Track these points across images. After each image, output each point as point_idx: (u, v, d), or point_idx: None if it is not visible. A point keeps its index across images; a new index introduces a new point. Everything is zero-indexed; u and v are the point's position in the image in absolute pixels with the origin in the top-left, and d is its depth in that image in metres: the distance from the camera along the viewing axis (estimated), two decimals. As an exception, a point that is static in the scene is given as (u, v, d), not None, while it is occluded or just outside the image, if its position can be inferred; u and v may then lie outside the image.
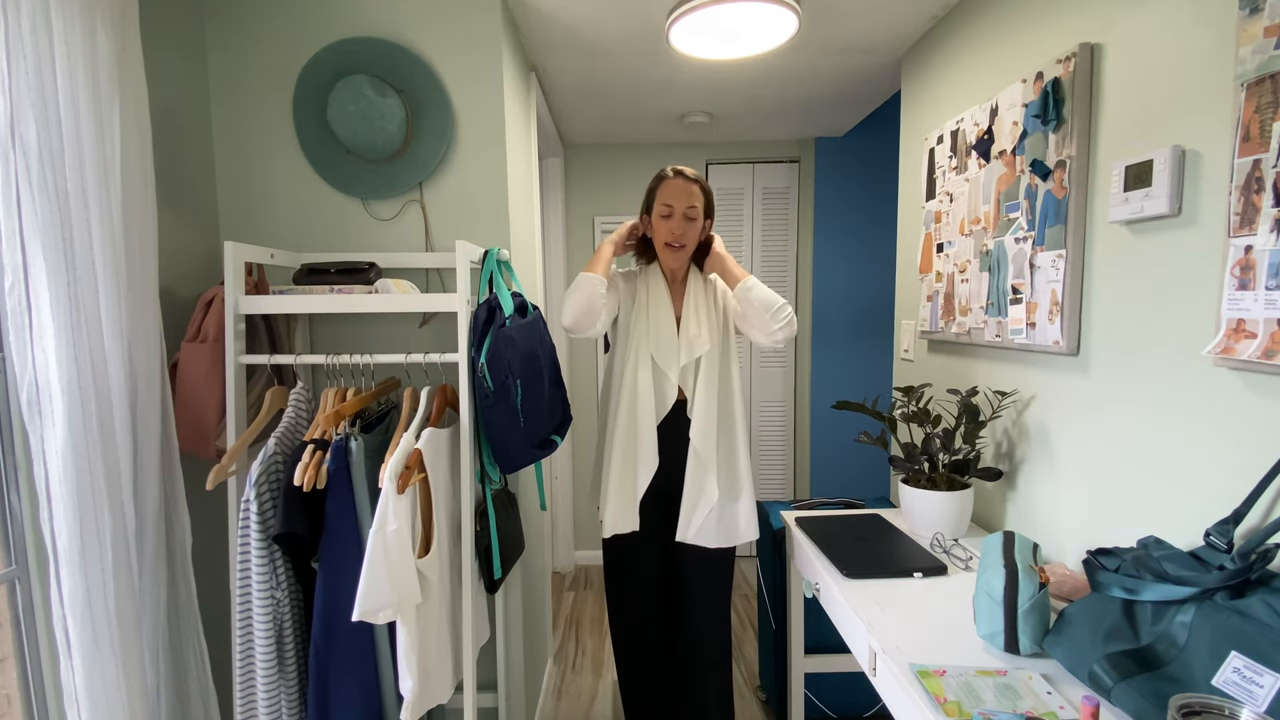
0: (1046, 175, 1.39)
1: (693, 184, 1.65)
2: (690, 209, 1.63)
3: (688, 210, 1.63)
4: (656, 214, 1.67)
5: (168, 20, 1.58)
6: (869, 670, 1.20)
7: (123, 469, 1.23)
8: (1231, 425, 1.00)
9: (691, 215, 1.64)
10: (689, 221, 1.64)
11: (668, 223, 1.65)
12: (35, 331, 1.10)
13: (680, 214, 1.63)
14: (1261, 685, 0.79)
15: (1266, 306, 0.91)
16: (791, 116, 2.97)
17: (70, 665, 1.14)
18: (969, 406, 1.59)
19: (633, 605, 1.81)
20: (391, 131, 1.67)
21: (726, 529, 1.70)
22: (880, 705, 2.13)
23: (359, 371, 1.60)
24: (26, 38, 1.06)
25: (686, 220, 1.64)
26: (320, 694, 1.38)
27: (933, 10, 1.89)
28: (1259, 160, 0.92)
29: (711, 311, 1.72)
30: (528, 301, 1.63)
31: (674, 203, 1.63)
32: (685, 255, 1.68)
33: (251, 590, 1.36)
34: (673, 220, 1.64)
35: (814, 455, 3.48)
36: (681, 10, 1.81)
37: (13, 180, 1.05)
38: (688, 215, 1.64)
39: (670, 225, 1.65)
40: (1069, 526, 1.39)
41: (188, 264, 1.61)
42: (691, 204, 1.63)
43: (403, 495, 1.33)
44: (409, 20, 1.71)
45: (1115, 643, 0.95)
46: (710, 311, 1.72)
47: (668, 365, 1.67)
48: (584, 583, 3.46)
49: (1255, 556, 0.87)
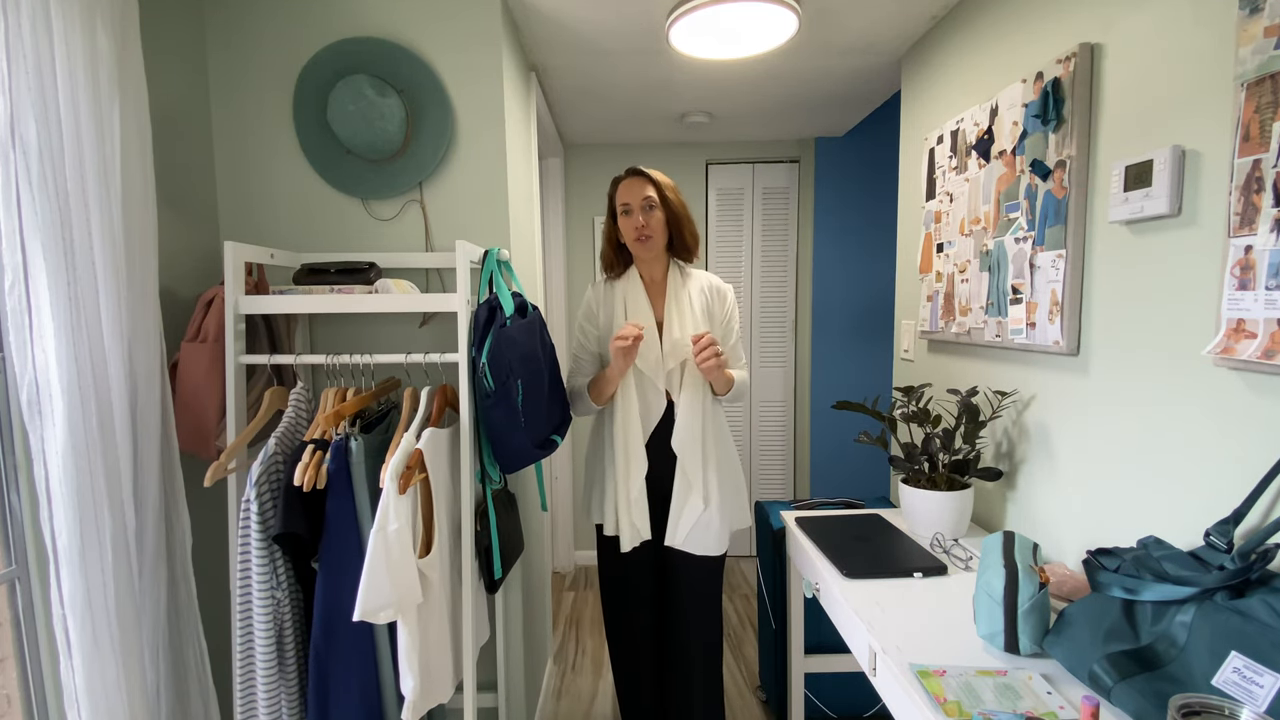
0: (1046, 175, 1.39)
1: (640, 177, 1.69)
2: (646, 199, 1.66)
3: (643, 201, 1.66)
4: (619, 215, 1.71)
5: (168, 20, 1.58)
6: (869, 670, 1.20)
7: (123, 469, 1.23)
8: (1231, 425, 1.00)
9: (650, 204, 1.67)
10: (649, 211, 1.67)
11: (629, 219, 1.68)
12: (35, 331, 1.10)
13: (637, 207, 1.66)
14: (1261, 685, 0.79)
15: (1266, 306, 0.91)
16: (791, 116, 2.97)
17: (70, 665, 1.14)
18: (969, 406, 1.59)
19: (629, 622, 1.82)
20: (391, 131, 1.67)
21: (715, 536, 1.71)
22: (880, 705, 2.13)
23: (359, 371, 1.59)
24: (26, 38, 1.06)
25: (646, 210, 1.67)
26: (320, 694, 1.38)
27: (933, 10, 1.89)
28: (1259, 160, 0.92)
29: (690, 311, 1.72)
30: (528, 301, 1.63)
31: (629, 199, 1.67)
32: (656, 245, 1.69)
33: (252, 590, 1.36)
34: (632, 214, 1.67)
35: (814, 455, 3.48)
36: (681, 10, 1.81)
37: (13, 180, 1.05)
38: (646, 205, 1.66)
39: (631, 220, 1.68)
40: (1069, 526, 1.39)
41: (188, 264, 1.61)
42: (645, 194, 1.66)
43: (404, 495, 1.33)
44: (409, 20, 1.71)
45: (1115, 643, 0.95)
46: (690, 311, 1.72)
47: (654, 373, 1.68)
48: (584, 583, 3.46)
49: (1255, 556, 0.87)
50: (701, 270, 1.84)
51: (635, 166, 1.71)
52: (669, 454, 1.68)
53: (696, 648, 1.78)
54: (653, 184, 1.68)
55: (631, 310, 1.72)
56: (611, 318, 1.75)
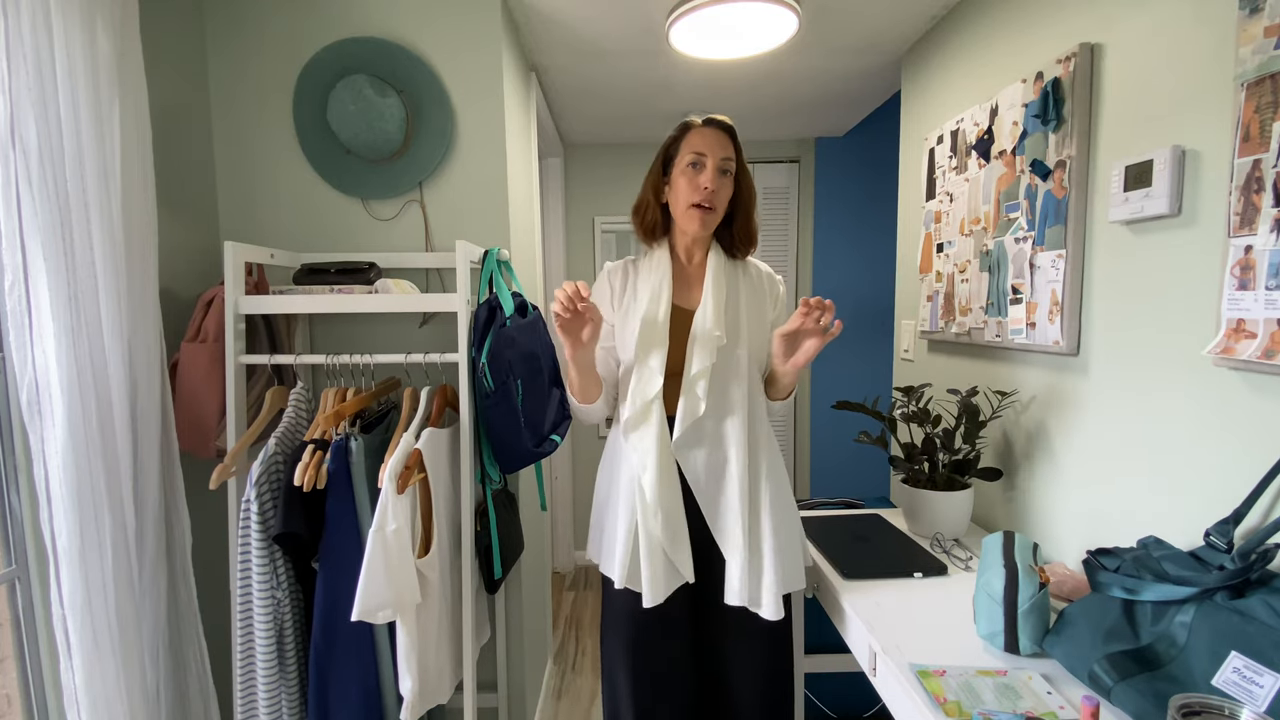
0: (1046, 175, 1.39)
1: (723, 132, 1.28)
2: (725, 160, 1.26)
3: (722, 162, 1.26)
4: (680, 167, 1.28)
5: (168, 21, 1.58)
6: (869, 670, 1.20)
7: (123, 469, 1.23)
8: (1231, 425, 1.00)
9: (726, 168, 1.27)
10: (723, 176, 1.26)
11: (697, 175, 1.25)
12: (35, 331, 1.10)
13: (713, 165, 1.25)
14: (1261, 685, 0.79)
15: (1266, 306, 0.91)
16: (791, 116, 2.97)
17: (70, 665, 1.14)
18: (969, 406, 1.59)
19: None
20: (391, 131, 1.67)
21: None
22: (880, 705, 2.12)
23: (359, 371, 1.59)
24: (26, 38, 1.06)
25: (720, 175, 1.26)
26: (320, 694, 1.38)
27: (933, 10, 1.89)
28: (1259, 160, 0.92)
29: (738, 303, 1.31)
30: (528, 301, 1.63)
31: (705, 149, 1.25)
32: (714, 221, 1.29)
33: (252, 590, 1.36)
34: (704, 172, 1.25)
35: (814, 455, 3.48)
36: (681, 10, 1.81)
37: (13, 180, 1.05)
38: (722, 168, 1.26)
39: (701, 179, 1.25)
40: (1069, 526, 1.39)
41: (188, 264, 1.61)
42: (727, 155, 1.27)
43: (402, 495, 1.33)
44: (409, 20, 1.71)
45: (1115, 643, 0.95)
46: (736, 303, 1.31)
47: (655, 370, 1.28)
48: (584, 583, 3.46)
49: (1255, 556, 0.87)
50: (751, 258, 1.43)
51: (715, 116, 1.29)
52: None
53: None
54: (733, 144, 1.29)
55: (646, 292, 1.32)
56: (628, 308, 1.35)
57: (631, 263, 1.40)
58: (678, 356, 1.29)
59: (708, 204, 1.27)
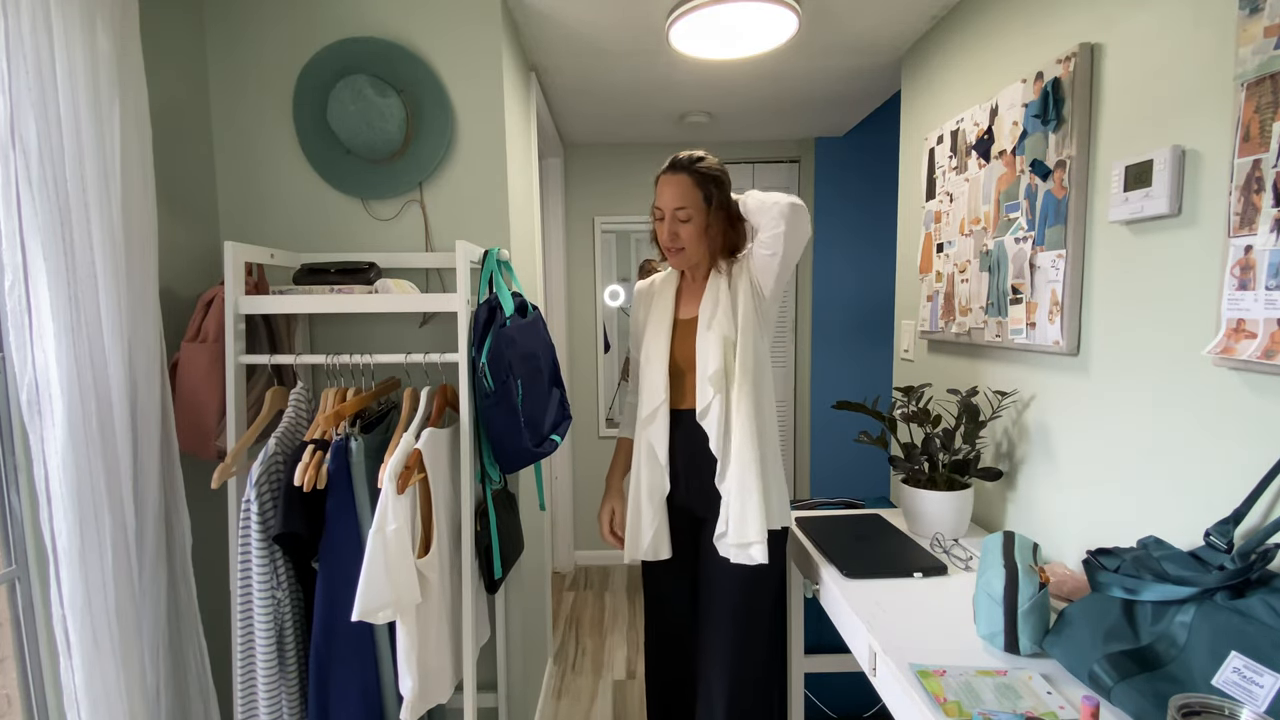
0: (1046, 175, 1.39)
1: (680, 174, 1.48)
2: (679, 210, 1.47)
3: (676, 212, 1.48)
4: (654, 219, 1.55)
5: (168, 21, 1.58)
6: (869, 670, 1.20)
7: (123, 469, 1.23)
8: (1231, 425, 1.00)
9: (682, 217, 1.48)
10: (681, 224, 1.49)
11: (661, 226, 1.52)
12: (35, 331, 1.10)
13: (669, 216, 1.49)
14: (1261, 685, 0.79)
15: (1266, 306, 0.91)
16: (791, 116, 2.97)
17: (70, 665, 1.14)
18: (969, 406, 1.59)
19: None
20: (391, 131, 1.67)
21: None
22: (880, 705, 2.12)
23: (359, 371, 1.59)
24: (26, 38, 1.06)
25: (678, 222, 1.49)
26: (320, 694, 1.38)
27: (933, 10, 1.89)
28: (1259, 160, 0.92)
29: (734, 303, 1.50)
30: (528, 301, 1.63)
31: (662, 205, 1.50)
32: (687, 258, 1.52)
33: (252, 590, 1.36)
34: (664, 223, 1.51)
35: (814, 455, 3.48)
36: (681, 10, 1.81)
37: (13, 180, 1.05)
38: (678, 217, 1.48)
39: (660, 230, 1.52)
40: (1069, 526, 1.39)
41: (188, 264, 1.61)
42: (679, 205, 1.47)
43: (402, 495, 1.33)
44: (409, 20, 1.71)
45: (1115, 643, 0.95)
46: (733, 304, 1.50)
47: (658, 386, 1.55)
48: (584, 583, 3.46)
49: (1255, 556, 0.87)
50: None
51: (679, 157, 1.49)
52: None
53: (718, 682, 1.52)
54: (694, 185, 1.47)
55: (657, 311, 1.59)
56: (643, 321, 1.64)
57: (654, 282, 1.68)
58: (683, 359, 1.54)
59: (673, 248, 1.52)
